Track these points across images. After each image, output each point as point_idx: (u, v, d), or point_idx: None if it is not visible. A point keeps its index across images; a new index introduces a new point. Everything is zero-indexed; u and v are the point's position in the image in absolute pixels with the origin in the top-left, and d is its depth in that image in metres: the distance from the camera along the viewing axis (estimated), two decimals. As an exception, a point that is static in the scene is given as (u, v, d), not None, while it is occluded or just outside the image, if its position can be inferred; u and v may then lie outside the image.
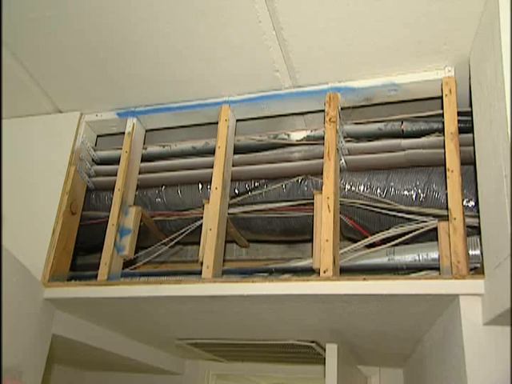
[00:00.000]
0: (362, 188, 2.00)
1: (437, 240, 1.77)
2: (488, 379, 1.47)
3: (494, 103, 1.50)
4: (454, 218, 1.67)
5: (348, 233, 2.13)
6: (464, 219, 1.70)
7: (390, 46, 1.79)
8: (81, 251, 2.39)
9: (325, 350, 2.24)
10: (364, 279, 1.67)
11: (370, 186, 1.99)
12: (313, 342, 2.42)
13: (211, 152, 2.13)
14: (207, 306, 1.98)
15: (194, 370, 3.29)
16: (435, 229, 1.79)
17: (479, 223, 1.63)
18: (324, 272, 1.72)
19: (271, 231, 2.25)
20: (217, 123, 2.12)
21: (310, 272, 1.85)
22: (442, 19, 1.64)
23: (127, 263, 2.19)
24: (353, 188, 2.01)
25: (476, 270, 1.66)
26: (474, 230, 1.76)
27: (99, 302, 2.04)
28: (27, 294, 1.96)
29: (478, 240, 1.73)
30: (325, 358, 2.20)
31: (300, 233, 2.18)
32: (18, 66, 2.08)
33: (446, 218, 1.72)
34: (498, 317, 1.40)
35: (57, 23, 1.84)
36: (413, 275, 1.75)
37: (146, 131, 2.35)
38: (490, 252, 1.51)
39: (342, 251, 1.92)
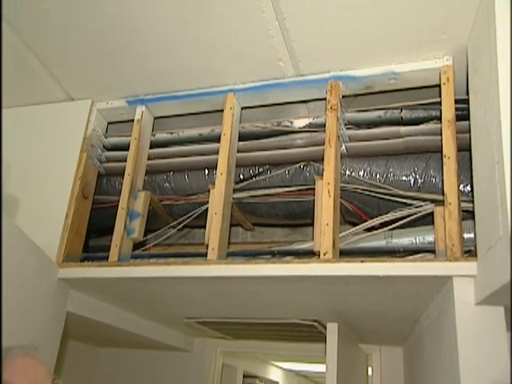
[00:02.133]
0: (362, 174, 2.00)
1: (433, 224, 1.77)
2: (479, 356, 1.47)
3: (488, 91, 1.50)
4: (450, 203, 1.67)
5: (349, 217, 2.13)
6: (459, 204, 1.71)
7: (390, 35, 1.79)
8: (93, 234, 2.40)
9: (326, 329, 2.24)
10: (362, 261, 1.68)
11: (370, 172, 1.99)
12: (315, 321, 2.43)
13: (217, 139, 2.13)
14: (213, 286, 2.01)
15: (202, 347, 3.31)
16: (432, 213, 1.79)
17: (473, 208, 1.64)
18: (324, 254, 1.73)
19: (275, 215, 2.25)
20: (222, 111, 2.12)
21: (311, 254, 1.84)
22: (441, 9, 1.64)
23: (137, 245, 2.20)
24: (353, 174, 2.01)
25: (470, 252, 1.67)
26: (469, 215, 1.75)
27: (110, 282, 2.06)
28: (42, 273, 1.97)
29: (473, 224, 1.74)
30: (326, 337, 2.20)
31: (303, 217, 2.18)
32: (32, 56, 2.09)
33: (442, 202, 1.73)
34: (489, 297, 1.42)
35: (68, 14, 1.85)
36: (409, 258, 1.75)
37: (155, 118, 2.35)
38: (482, 235, 1.53)
39: (342, 234, 1.93)
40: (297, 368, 4.87)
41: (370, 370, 2.90)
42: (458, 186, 1.74)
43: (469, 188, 1.84)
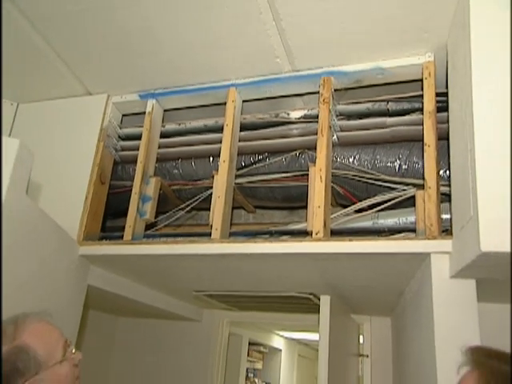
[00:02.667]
0: (351, 160, 2.01)
1: (414, 206, 1.78)
2: (452, 323, 1.51)
3: (463, 86, 1.52)
4: (429, 187, 1.70)
5: (340, 200, 2.14)
6: (438, 188, 1.73)
7: (377, 34, 1.79)
8: (109, 215, 2.40)
9: (320, 301, 2.25)
10: (350, 240, 1.71)
11: (359, 159, 2.00)
12: (311, 294, 2.44)
13: (220, 129, 2.12)
14: (217, 262, 2.03)
15: (210, 318, 3.32)
16: (413, 196, 1.81)
17: (450, 191, 1.67)
18: (316, 234, 1.76)
19: (273, 199, 2.26)
20: (225, 104, 2.13)
21: (304, 234, 1.85)
22: (422, 10, 1.65)
23: (149, 226, 2.22)
24: (344, 160, 2.01)
25: (447, 231, 1.69)
26: (447, 197, 1.76)
27: (125, 259, 2.08)
28: (65, 251, 2.00)
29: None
30: (319, 308, 2.22)
31: (299, 200, 2.19)
32: (55, 55, 2.10)
33: (422, 186, 1.75)
34: (461, 271, 1.46)
35: (89, 17, 1.85)
36: (392, 236, 1.77)
37: (164, 111, 2.35)
38: (456, 216, 1.56)
39: (333, 216, 1.95)
40: (297, 337, 4.89)
41: (361, 338, 2.91)
42: (438, 172, 1.75)
43: (448, 173, 1.84)
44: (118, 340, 3.50)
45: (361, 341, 2.92)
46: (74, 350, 1.23)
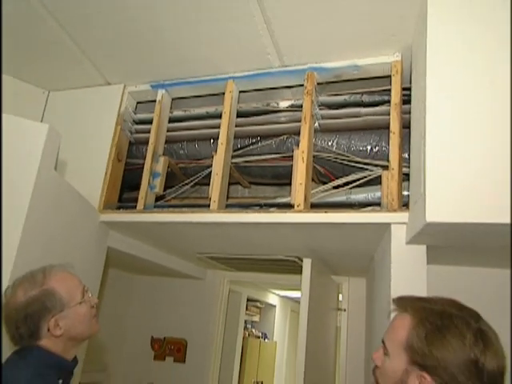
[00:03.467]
0: (330, 144, 2.00)
1: (381, 184, 1.82)
2: (405, 281, 1.58)
3: (420, 83, 1.56)
4: (392, 169, 1.75)
5: (321, 178, 2.14)
6: (400, 169, 1.77)
7: (353, 36, 1.81)
8: (125, 188, 2.42)
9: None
10: (326, 212, 1.76)
11: (337, 143, 2.00)
12: (296, 257, 2.49)
13: (219, 116, 2.14)
14: (215, 229, 2.07)
15: (212, 277, 3.35)
16: (380, 176, 1.84)
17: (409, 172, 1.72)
18: (297, 206, 1.80)
19: (265, 176, 2.27)
20: (224, 94, 2.14)
21: (289, 207, 1.87)
22: (391, 16, 1.68)
23: (158, 198, 2.26)
24: (324, 144, 2.02)
25: (407, 206, 1.72)
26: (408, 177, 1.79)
27: (138, 225, 2.13)
28: (88, 217, 2.05)
29: (409, 184, 1.79)
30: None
31: (286, 177, 2.12)
32: (79, 51, 2.12)
33: (388, 168, 1.78)
34: (413, 238, 1.53)
35: (108, 16, 1.86)
36: (362, 209, 1.80)
37: (172, 99, 2.36)
38: (412, 193, 1.62)
39: (313, 191, 1.96)
40: (290, 295, 4.93)
41: (340, 296, 2.96)
42: (401, 156, 1.79)
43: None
44: (133, 295, 3.52)
45: (340, 298, 2.96)
46: (90, 295, 1.33)
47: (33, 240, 1.57)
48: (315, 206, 1.91)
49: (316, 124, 2.04)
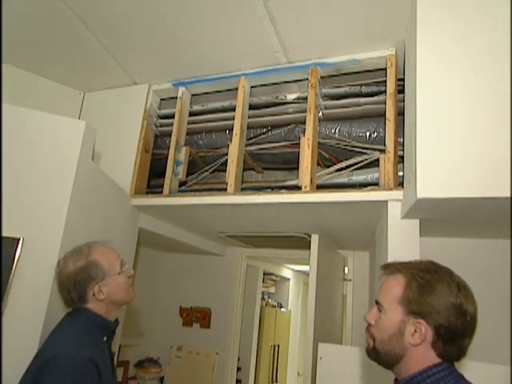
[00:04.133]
0: (333, 131, 2.03)
1: (378, 166, 1.85)
2: (400, 252, 1.60)
3: (411, 75, 1.58)
4: (389, 152, 1.77)
5: (326, 162, 2.14)
6: (396, 152, 1.79)
7: (352, 34, 1.83)
8: (152, 176, 2.43)
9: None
10: (330, 192, 1.79)
11: (339, 130, 2.02)
12: (305, 233, 2.50)
13: (233, 109, 2.16)
14: (232, 210, 2.11)
15: (232, 253, 3.37)
16: (378, 158, 1.87)
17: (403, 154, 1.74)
18: (304, 188, 1.84)
19: (275, 162, 2.28)
20: (237, 89, 2.16)
21: (297, 188, 1.89)
22: (386, 16, 1.70)
23: (181, 184, 2.28)
24: (328, 132, 2.03)
25: (402, 185, 1.75)
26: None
27: (164, 208, 2.18)
28: (121, 202, 2.12)
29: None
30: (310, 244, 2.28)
31: (294, 163, 2.09)
32: (108, 54, 2.15)
33: (385, 151, 1.80)
34: (407, 213, 1.57)
35: (135, 24, 1.90)
36: (362, 189, 1.80)
37: (192, 95, 2.38)
38: (406, 173, 1.64)
39: (318, 174, 1.99)
40: (302, 269, 4.93)
41: (346, 269, 2.96)
42: (396, 140, 1.80)
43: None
44: (162, 270, 3.55)
45: (346, 271, 2.95)
46: (127, 267, 1.42)
47: (76, 221, 1.63)
48: (320, 187, 1.93)
49: (320, 114, 2.06)
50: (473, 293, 0.96)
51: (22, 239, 1.45)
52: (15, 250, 1.43)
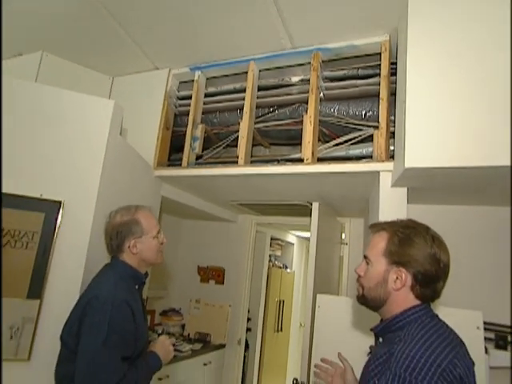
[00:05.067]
0: (333, 110, 2.01)
1: (372, 141, 1.86)
2: (390, 216, 1.49)
3: (402, 58, 1.58)
4: (381, 128, 1.79)
5: (326, 138, 2.11)
6: (388, 128, 1.80)
7: (350, 21, 1.82)
8: (173, 150, 2.43)
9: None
10: (329, 163, 1.83)
11: (338, 109, 2.01)
12: (308, 202, 2.53)
13: (244, 90, 2.17)
14: (242, 181, 2.15)
15: (243, 220, 3.39)
16: (372, 134, 1.87)
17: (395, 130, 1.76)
18: (306, 160, 1.87)
19: (281, 138, 2.25)
20: (247, 72, 2.17)
21: (300, 161, 1.92)
22: (380, 5, 1.69)
23: (198, 157, 2.31)
24: (328, 111, 2.02)
25: (393, 157, 1.76)
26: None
27: (183, 178, 2.23)
28: (145, 173, 2.16)
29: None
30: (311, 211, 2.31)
31: (298, 139, 2.09)
32: (133, 43, 2.16)
33: (378, 127, 1.81)
34: (396, 181, 1.60)
35: (157, 16, 1.92)
36: (358, 161, 1.82)
37: (207, 79, 2.38)
38: (396, 147, 1.66)
39: (319, 148, 2.00)
40: (305, 235, 4.95)
41: (343, 234, 2.98)
42: (388, 117, 1.81)
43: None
44: (182, 234, 3.59)
45: (343, 236, 2.97)
46: (162, 235, 1.46)
47: (107, 187, 1.68)
48: (321, 160, 1.95)
49: (321, 94, 2.05)
50: (446, 244, 1.01)
51: (63, 202, 1.52)
52: (58, 211, 1.49)
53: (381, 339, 1.04)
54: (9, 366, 1.34)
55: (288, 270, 4.86)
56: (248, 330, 3.69)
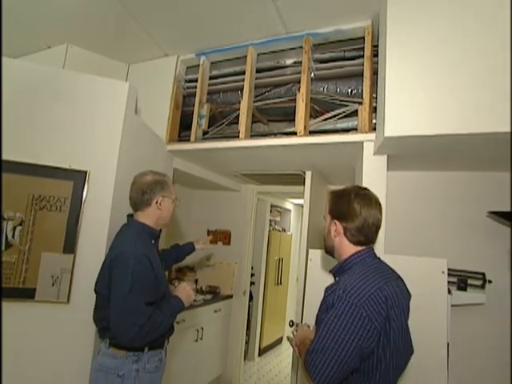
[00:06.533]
0: (322, 89, 2.00)
1: (357, 115, 1.87)
2: (370, 181, 1.65)
3: (382, 41, 1.57)
4: (365, 103, 1.79)
5: (317, 114, 2.07)
6: (371, 104, 1.80)
7: (338, 8, 1.80)
8: (182, 128, 2.41)
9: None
10: (319, 135, 1.84)
11: (327, 88, 2.00)
12: (301, 171, 2.52)
13: (244, 72, 2.15)
14: (244, 152, 2.15)
15: (245, 189, 3.37)
16: (357, 110, 1.87)
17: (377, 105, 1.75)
18: (299, 133, 1.88)
19: (277, 115, 2.20)
20: (246, 56, 2.15)
21: (294, 134, 1.93)
22: None
23: (204, 133, 2.29)
24: (318, 89, 2.01)
25: (375, 129, 1.76)
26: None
27: (192, 152, 2.24)
28: (159, 148, 2.16)
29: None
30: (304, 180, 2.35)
31: (292, 115, 2.09)
32: (144, 33, 2.13)
33: (362, 103, 1.82)
34: (377, 150, 1.62)
35: (166, 10, 1.89)
36: (344, 133, 1.84)
37: (211, 63, 2.35)
38: (378, 119, 1.66)
39: (310, 122, 1.99)
40: (301, 202, 5.01)
41: None
42: (371, 94, 1.80)
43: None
44: (193, 203, 3.57)
45: None
46: (178, 203, 1.49)
47: (125, 160, 1.71)
48: (312, 133, 1.95)
49: (312, 75, 2.03)
50: (374, 202, 1.08)
51: (88, 172, 1.56)
52: (84, 179, 1.54)
53: (337, 278, 1.13)
54: (52, 308, 1.42)
55: (286, 233, 4.92)
56: (252, 283, 3.79)
